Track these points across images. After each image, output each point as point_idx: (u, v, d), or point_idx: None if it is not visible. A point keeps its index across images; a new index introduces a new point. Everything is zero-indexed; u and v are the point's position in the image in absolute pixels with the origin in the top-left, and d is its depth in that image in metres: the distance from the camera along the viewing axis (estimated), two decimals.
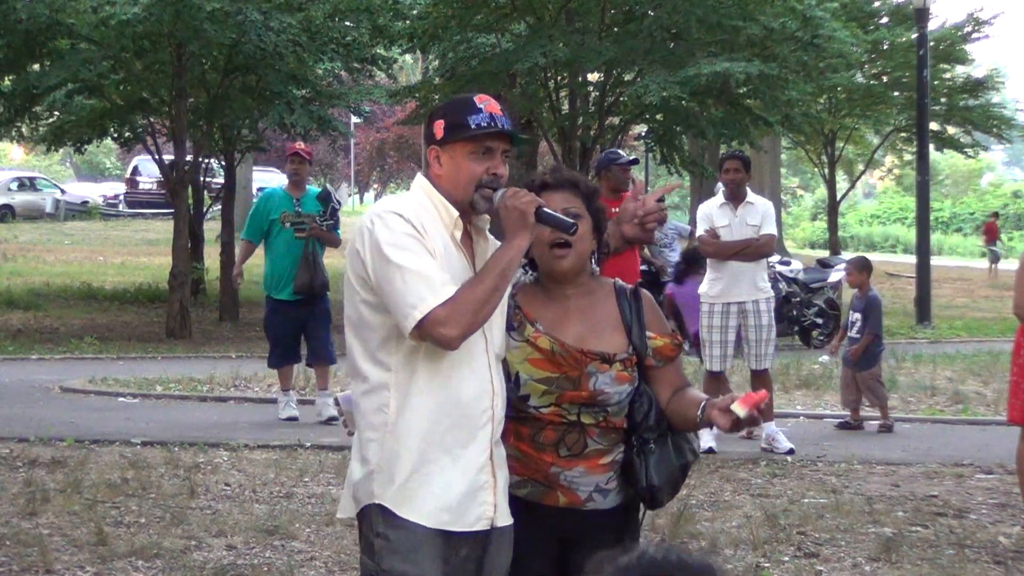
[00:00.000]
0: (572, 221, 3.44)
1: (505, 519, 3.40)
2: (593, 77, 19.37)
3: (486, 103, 3.42)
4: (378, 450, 3.32)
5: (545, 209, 3.39)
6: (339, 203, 10.60)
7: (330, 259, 10.92)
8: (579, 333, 3.52)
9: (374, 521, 3.30)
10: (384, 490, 3.29)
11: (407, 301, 3.22)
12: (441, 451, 3.31)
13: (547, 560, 3.55)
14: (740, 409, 3.35)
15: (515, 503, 3.47)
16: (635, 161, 9.71)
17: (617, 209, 3.88)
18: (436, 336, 3.23)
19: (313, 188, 10.59)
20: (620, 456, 3.56)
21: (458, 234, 3.40)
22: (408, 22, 18.25)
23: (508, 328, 3.50)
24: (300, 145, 10.70)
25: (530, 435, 3.51)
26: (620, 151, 10.13)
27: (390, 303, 3.27)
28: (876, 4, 26.11)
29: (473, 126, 3.37)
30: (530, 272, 3.66)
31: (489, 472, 3.36)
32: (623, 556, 1.81)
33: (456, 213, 3.38)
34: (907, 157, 33.79)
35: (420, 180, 3.47)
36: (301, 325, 10.40)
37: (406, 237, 3.27)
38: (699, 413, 3.49)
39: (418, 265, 3.24)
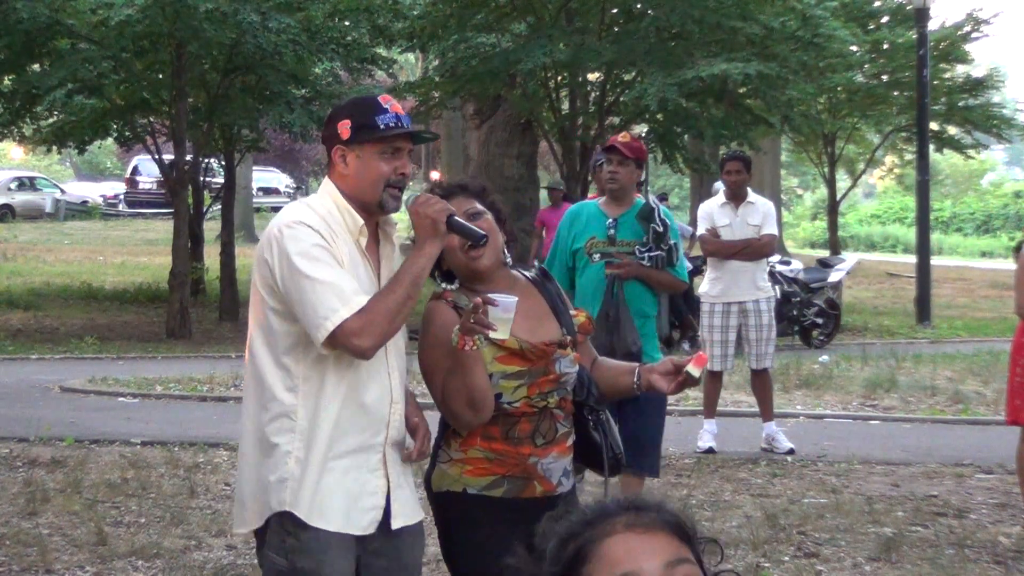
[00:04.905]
0: (483, 233, 3.47)
1: (405, 519, 3.46)
2: (593, 77, 19.37)
3: (390, 103, 3.43)
4: (287, 459, 3.34)
5: (456, 218, 3.43)
6: (663, 223, 6.60)
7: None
8: (527, 327, 3.58)
9: (284, 523, 3.34)
10: (295, 498, 3.33)
11: (318, 313, 3.25)
12: (344, 457, 3.36)
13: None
14: (695, 370, 3.54)
15: (488, 504, 3.56)
16: None
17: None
18: (350, 347, 3.28)
19: (641, 201, 6.77)
20: (573, 436, 3.74)
21: (363, 241, 3.42)
22: (408, 22, 18.25)
23: None
24: (622, 138, 6.88)
25: (503, 432, 3.59)
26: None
27: (300, 314, 3.29)
28: (876, 4, 26.08)
29: (382, 126, 3.38)
30: (446, 284, 3.69)
31: (383, 475, 3.41)
32: (574, 512, 1.83)
33: (361, 221, 3.40)
34: (907, 157, 33.75)
35: (327, 186, 3.48)
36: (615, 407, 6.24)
37: (315, 247, 3.30)
38: (635, 380, 3.71)
39: (328, 276, 3.27)
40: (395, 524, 3.43)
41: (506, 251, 3.69)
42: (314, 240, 3.30)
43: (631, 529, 1.74)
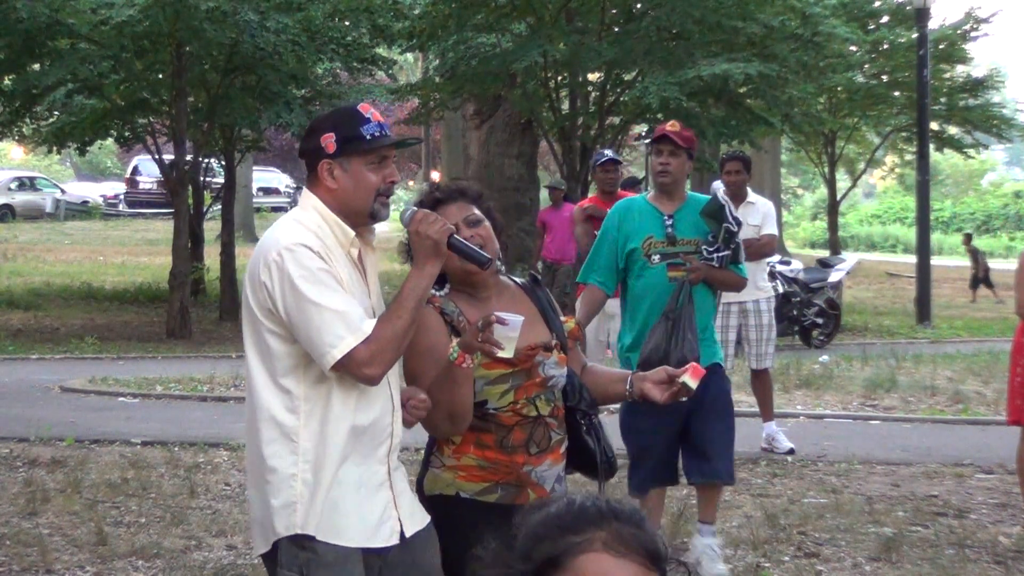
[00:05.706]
0: (488, 257, 3.46)
1: (415, 524, 3.45)
2: (593, 77, 19.38)
3: (371, 112, 3.40)
4: (291, 482, 3.30)
5: (456, 237, 3.39)
6: (736, 221, 6.11)
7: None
8: None
9: (298, 541, 3.30)
10: (305, 520, 3.29)
11: (324, 340, 3.21)
12: (352, 473, 3.33)
13: None
14: (691, 381, 3.54)
15: (481, 509, 3.56)
16: (613, 160, 9.49)
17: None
18: (358, 375, 3.25)
19: (698, 196, 6.20)
20: (566, 442, 3.73)
21: (355, 252, 3.39)
22: (408, 22, 18.25)
23: (456, 335, 3.53)
24: (670, 127, 6.11)
25: (496, 441, 3.59)
26: (605, 151, 10.01)
27: (305, 340, 3.25)
28: (876, 4, 26.09)
29: (368, 137, 3.35)
30: (435, 289, 3.63)
31: (388, 486, 3.40)
32: (551, 505, 1.83)
33: (352, 233, 3.37)
34: (907, 157, 33.74)
35: (311, 199, 3.41)
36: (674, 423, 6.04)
37: (318, 271, 3.25)
38: (628, 388, 3.70)
39: (334, 302, 3.23)
40: (408, 531, 3.41)
41: (500, 258, 3.67)
42: (317, 263, 3.26)
43: (608, 550, 1.75)
